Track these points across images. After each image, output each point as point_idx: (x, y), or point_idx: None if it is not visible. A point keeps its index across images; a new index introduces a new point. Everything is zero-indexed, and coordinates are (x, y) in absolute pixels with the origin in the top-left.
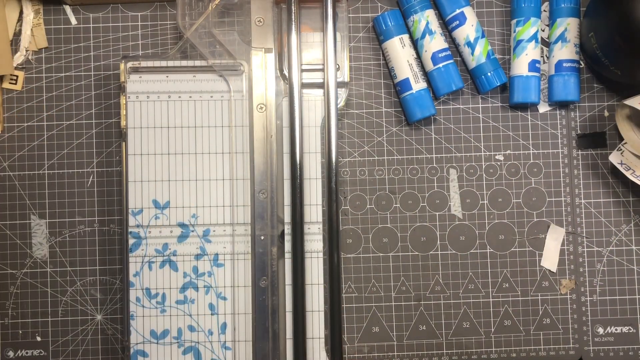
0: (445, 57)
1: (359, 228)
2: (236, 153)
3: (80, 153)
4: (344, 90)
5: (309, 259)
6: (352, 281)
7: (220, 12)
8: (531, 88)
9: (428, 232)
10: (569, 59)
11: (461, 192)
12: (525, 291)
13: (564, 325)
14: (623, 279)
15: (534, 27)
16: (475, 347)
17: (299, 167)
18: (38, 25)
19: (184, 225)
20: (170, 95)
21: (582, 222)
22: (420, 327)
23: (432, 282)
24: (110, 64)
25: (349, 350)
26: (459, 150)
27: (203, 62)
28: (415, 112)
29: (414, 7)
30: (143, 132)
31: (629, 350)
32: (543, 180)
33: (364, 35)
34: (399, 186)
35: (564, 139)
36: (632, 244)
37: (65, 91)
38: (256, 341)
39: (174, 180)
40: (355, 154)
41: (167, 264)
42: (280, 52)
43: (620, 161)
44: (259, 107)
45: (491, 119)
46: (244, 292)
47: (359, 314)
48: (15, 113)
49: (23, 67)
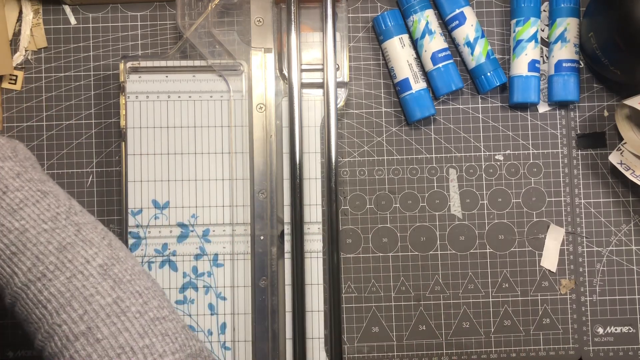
0: (444, 57)
1: (358, 228)
2: (236, 153)
3: (79, 153)
4: (343, 90)
5: (309, 259)
6: (351, 281)
7: (219, 12)
8: (531, 88)
9: (428, 232)
10: (568, 59)
11: (461, 192)
12: (525, 291)
13: (564, 325)
14: (623, 279)
15: (534, 27)
16: (475, 347)
17: (299, 167)
18: (37, 25)
19: (183, 225)
20: (169, 95)
21: (582, 222)
22: (420, 327)
23: (431, 282)
24: (110, 64)
25: (348, 350)
26: (459, 150)
27: (202, 62)
28: (415, 112)
29: (413, 7)
30: (143, 132)
31: (628, 350)
32: (543, 180)
33: (363, 35)
34: (398, 186)
35: (563, 139)
36: (631, 244)
37: (65, 91)
38: (256, 341)
39: (173, 180)
40: (355, 154)
41: (166, 264)
42: (280, 52)
43: (620, 161)
44: (258, 107)
45: (491, 119)
46: (243, 292)
47: (358, 314)
48: (15, 113)
49: (22, 67)
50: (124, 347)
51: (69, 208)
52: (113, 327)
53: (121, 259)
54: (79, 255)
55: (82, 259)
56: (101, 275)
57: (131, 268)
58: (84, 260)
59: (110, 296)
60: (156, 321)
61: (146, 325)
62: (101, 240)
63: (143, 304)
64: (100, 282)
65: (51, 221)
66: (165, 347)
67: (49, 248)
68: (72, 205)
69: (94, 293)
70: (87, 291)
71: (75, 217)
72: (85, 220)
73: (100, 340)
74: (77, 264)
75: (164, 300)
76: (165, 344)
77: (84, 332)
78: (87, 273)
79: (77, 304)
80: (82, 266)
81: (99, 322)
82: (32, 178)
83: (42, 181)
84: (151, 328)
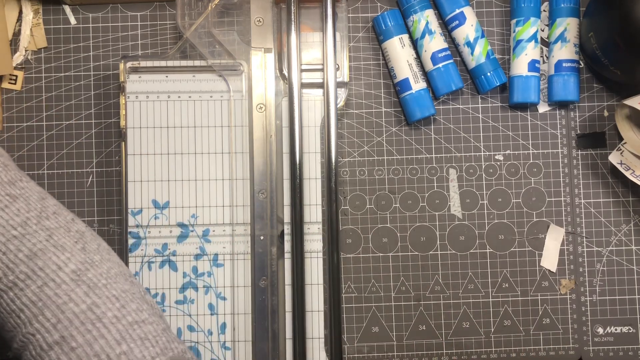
0: (444, 57)
1: (358, 228)
2: (236, 153)
3: (79, 153)
4: (343, 90)
5: (309, 259)
6: (351, 281)
7: (219, 12)
8: (531, 88)
9: (428, 232)
10: (568, 59)
11: (461, 192)
12: (525, 291)
13: (564, 325)
14: (623, 279)
15: (534, 27)
16: (475, 347)
17: (299, 167)
18: (37, 25)
19: (183, 225)
20: (169, 95)
21: (582, 222)
22: (420, 327)
23: (431, 282)
24: (110, 64)
25: (348, 350)
26: (459, 150)
27: (202, 62)
28: (415, 112)
29: (413, 7)
30: (142, 132)
31: (628, 350)
32: (543, 180)
33: (363, 35)
34: (398, 186)
35: (563, 139)
36: (631, 244)
37: (65, 91)
38: (256, 341)
39: (173, 180)
40: (355, 154)
41: (166, 264)
42: (280, 52)
43: (620, 161)
44: (258, 107)
45: (491, 119)
46: (243, 292)
47: (358, 314)
48: (15, 113)
49: (22, 67)
50: (99, 354)
51: (40, 212)
52: (88, 334)
53: (95, 262)
54: (50, 262)
55: (54, 266)
56: (74, 281)
57: (107, 272)
58: (56, 266)
59: (85, 302)
60: (134, 325)
61: (124, 331)
62: (74, 244)
63: (120, 307)
64: (74, 288)
65: (21, 227)
66: (145, 352)
67: (19, 256)
68: (44, 207)
69: (67, 300)
70: (60, 299)
71: (46, 222)
72: (57, 224)
73: (75, 348)
74: (49, 272)
75: (142, 303)
76: (145, 348)
77: (58, 341)
78: (59, 280)
79: (49, 312)
80: (53, 273)
81: (73, 331)
82: (1, 181)
83: (11, 183)
84: (129, 333)
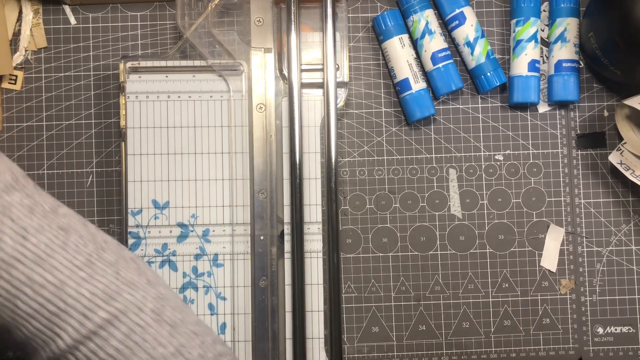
0: (444, 57)
1: (358, 228)
2: (235, 153)
3: (79, 153)
4: (343, 90)
5: (309, 259)
6: (351, 281)
7: (219, 12)
8: (531, 88)
9: (428, 232)
10: (568, 59)
11: (461, 192)
12: (525, 291)
13: (564, 325)
14: (622, 279)
15: (534, 27)
16: (475, 347)
17: (299, 167)
18: (37, 25)
19: (183, 225)
20: (169, 95)
21: (582, 222)
22: (420, 327)
23: (431, 282)
24: (110, 64)
25: (348, 350)
26: (459, 150)
27: (202, 62)
28: (415, 112)
29: (413, 7)
30: (142, 132)
31: (628, 350)
32: (543, 180)
33: (363, 35)
34: (398, 186)
35: (563, 139)
36: (631, 244)
37: (65, 91)
38: (256, 341)
39: (173, 180)
40: (355, 154)
41: (166, 264)
42: (280, 52)
43: (620, 161)
44: (258, 107)
45: (491, 119)
46: (243, 292)
47: (358, 314)
48: (15, 113)
49: (22, 67)
50: None
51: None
52: None
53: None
54: (129, 304)
55: (135, 308)
56: (157, 322)
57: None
58: (137, 309)
59: (172, 344)
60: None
61: None
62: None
63: (200, 344)
64: (159, 330)
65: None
66: None
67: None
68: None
69: (156, 345)
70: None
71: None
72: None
73: None
74: (132, 315)
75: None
76: None
77: None
78: (144, 323)
79: None
80: (136, 317)
81: None
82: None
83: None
84: None
